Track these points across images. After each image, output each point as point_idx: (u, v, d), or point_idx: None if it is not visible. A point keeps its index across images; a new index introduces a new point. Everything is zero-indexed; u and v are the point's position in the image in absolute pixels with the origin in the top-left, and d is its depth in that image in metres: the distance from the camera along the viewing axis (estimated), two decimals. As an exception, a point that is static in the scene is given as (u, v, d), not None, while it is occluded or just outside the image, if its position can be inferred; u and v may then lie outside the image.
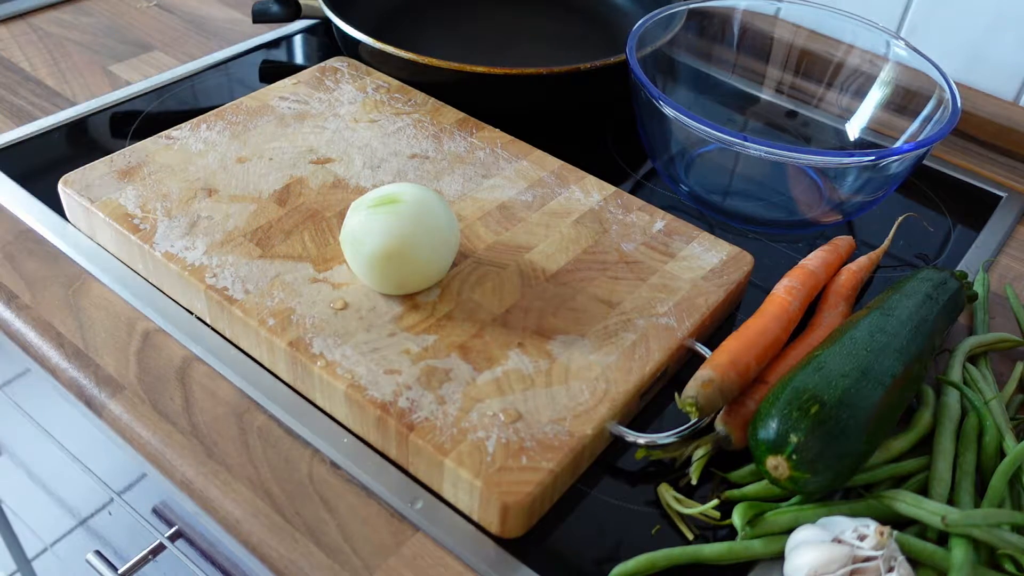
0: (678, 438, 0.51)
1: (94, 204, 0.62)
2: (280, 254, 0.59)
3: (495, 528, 0.48)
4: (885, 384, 0.49)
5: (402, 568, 0.47)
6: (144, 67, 0.86)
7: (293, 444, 0.53)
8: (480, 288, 0.58)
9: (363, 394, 0.51)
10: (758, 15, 0.82)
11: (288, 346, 0.53)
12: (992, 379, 0.57)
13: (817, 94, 0.82)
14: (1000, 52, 0.82)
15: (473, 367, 0.52)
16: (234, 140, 0.69)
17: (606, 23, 0.95)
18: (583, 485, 0.52)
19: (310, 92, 0.75)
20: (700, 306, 0.58)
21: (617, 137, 0.82)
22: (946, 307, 0.57)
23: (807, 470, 0.46)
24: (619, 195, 0.67)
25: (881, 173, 0.65)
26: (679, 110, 0.63)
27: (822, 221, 0.71)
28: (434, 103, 0.75)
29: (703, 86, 0.84)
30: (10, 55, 0.86)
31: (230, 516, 0.49)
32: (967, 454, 0.51)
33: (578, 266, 0.60)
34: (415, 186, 0.56)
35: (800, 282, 0.60)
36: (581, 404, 0.51)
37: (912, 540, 0.47)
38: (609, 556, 0.48)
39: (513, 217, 0.64)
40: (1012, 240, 0.74)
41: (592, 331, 0.56)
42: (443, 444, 0.48)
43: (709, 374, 0.52)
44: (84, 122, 0.78)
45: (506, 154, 0.70)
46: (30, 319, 0.59)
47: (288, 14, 0.88)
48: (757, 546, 0.48)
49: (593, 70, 0.74)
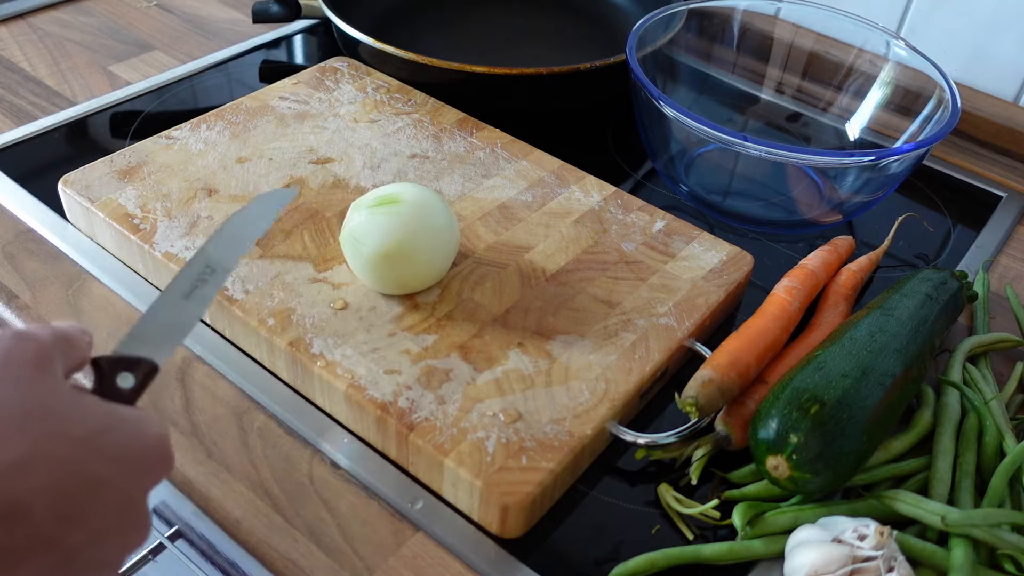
0: (678, 438, 0.51)
1: (94, 204, 0.62)
2: (280, 254, 0.59)
3: (495, 528, 0.48)
4: (885, 384, 0.49)
5: (402, 568, 0.47)
6: (144, 67, 0.86)
7: (293, 444, 0.53)
8: (480, 288, 0.58)
9: (363, 394, 0.51)
10: (758, 15, 0.82)
11: (288, 346, 0.53)
12: (992, 379, 0.57)
13: (817, 94, 0.82)
14: (1000, 52, 0.82)
15: (473, 367, 0.52)
16: (234, 140, 0.69)
17: (606, 23, 0.95)
18: (583, 485, 0.52)
19: (310, 92, 0.75)
20: (700, 306, 0.58)
21: (617, 137, 0.82)
22: (946, 307, 0.57)
23: (807, 470, 0.46)
24: (619, 195, 0.67)
25: (881, 173, 0.65)
26: (679, 110, 0.63)
27: (822, 221, 0.71)
28: (434, 103, 0.75)
29: (703, 86, 0.84)
30: (10, 55, 0.86)
31: (230, 516, 0.49)
32: (967, 454, 0.51)
33: (578, 266, 0.60)
34: (415, 186, 0.56)
35: (800, 282, 0.60)
36: (581, 404, 0.51)
37: (912, 540, 0.47)
38: (609, 556, 0.48)
39: (513, 217, 0.64)
40: (1012, 240, 0.74)
41: (592, 331, 0.55)
42: (443, 444, 0.48)
43: (709, 374, 0.52)
44: (84, 122, 0.78)
45: (506, 154, 0.70)
46: (30, 319, 0.59)
47: (288, 14, 0.88)
48: (757, 546, 0.48)
49: (593, 70, 0.74)
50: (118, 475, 0.32)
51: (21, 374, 0.32)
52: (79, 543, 0.31)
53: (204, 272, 0.42)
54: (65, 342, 0.35)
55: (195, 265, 0.42)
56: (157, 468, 0.35)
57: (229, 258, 0.43)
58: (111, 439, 0.33)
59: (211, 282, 0.42)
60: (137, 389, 0.37)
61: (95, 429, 0.32)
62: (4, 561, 0.29)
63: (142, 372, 0.37)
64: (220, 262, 0.43)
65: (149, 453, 0.34)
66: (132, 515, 0.34)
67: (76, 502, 0.31)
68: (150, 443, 0.34)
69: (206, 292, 0.41)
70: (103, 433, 0.32)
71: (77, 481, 0.31)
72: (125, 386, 0.36)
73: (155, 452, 0.34)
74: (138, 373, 0.37)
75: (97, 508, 0.32)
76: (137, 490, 0.34)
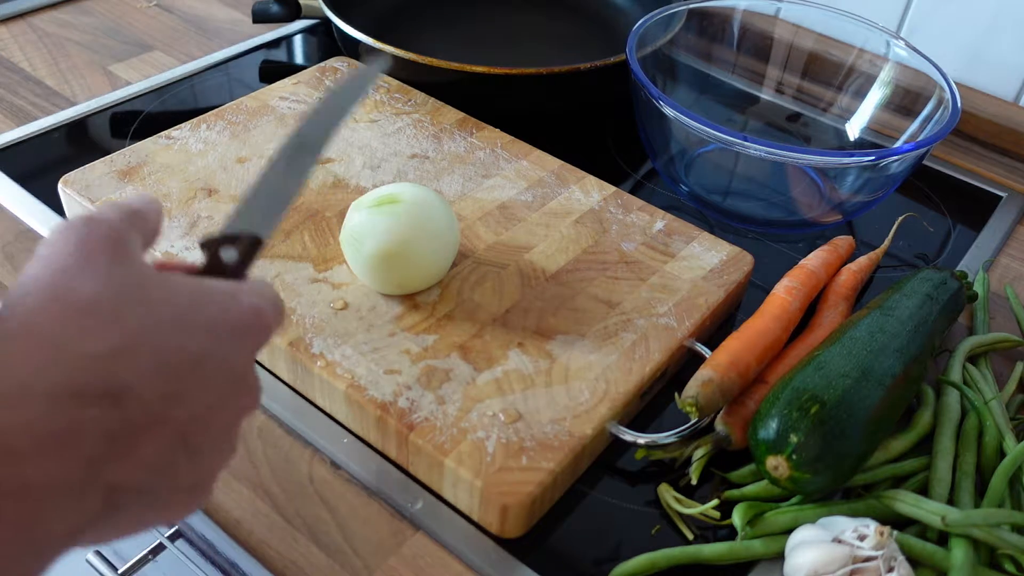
0: (678, 438, 0.51)
1: (94, 204, 0.62)
2: (280, 254, 0.59)
3: (495, 528, 0.48)
4: (885, 384, 0.49)
5: (402, 568, 0.47)
6: (144, 67, 0.86)
7: (293, 444, 0.53)
8: (480, 288, 0.58)
9: (363, 394, 0.51)
10: (758, 15, 0.82)
11: (288, 346, 0.53)
12: (992, 379, 0.57)
13: (817, 94, 0.82)
14: (1000, 52, 0.82)
15: (473, 367, 0.52)
16: (234, 140, 0.69)
17: (606, 23, 0.95)
18: (583, 485, 0.52)
19: (310, 92, 0.75)
20: (700, 306, 0.58)
21: (617, 137, 0.82)
22: (946, 307, 0.57)
23: (807, 470, 0.46)
24: (619, 195, 0.67)
25: (881, 173, 0.65)
26: (679, 110, 0.63)
27: (822, 221, 0.71)
28: (434, 103, 0.75)
29: (703, 86, 0.84)
30: (10, 55, 0.86)
31: (230, 516, 0.49)
32: (967, 454, 0.51)
33: (578, 266, 0.60)
34: (415, 186, 0.56)
35: (800, 282, 0.60)
36: (581, 404, 0.51)
37: (912, 540, 0.47)
38: (609, 556, 0.48)
39: (513, 217, 0.64)
40: (1012, 240, 0.74)
41: (592, 331, 0.55)
42: (443, 444, 0.48)
43: (709, 374, 0.52)
44: (84, 122, 0.78)
45: (506, 154, 0.70)
46: (30, 319, 0.59)
47: (288, 14, 0.88)
48: (757, 546, 0.48)
49: (593, 70, 0.74)
50: (214, 347, 0.32)
51: (100, 261, 0.31)
52: (194, 416, 0.31)
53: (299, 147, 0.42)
54: (136, 216, 0.35)
55: (291, 141, 0.42)
56: (254, 335, 0.34)
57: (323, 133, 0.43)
58: (201, 315, 0.32)
59: (307, 154, 0.42)
60: (242, 262, 0.37)
61: (183, 307, 0.32)
62: (125, 441, 0.29)
63: (243, 245, 0.37)
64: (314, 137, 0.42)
65: (242, 322, 0.34)
66: (240, 383, 0.34)
67: (179, 379, 0.31)
68: (243, 313, 0.34)
69: (304, 163, 0.41)
70: (191, 310, 0.32)
71: (175, 359, 0.31)
72: (229, 260, 0.37)
73: (247, 320, 0.34)
74: (241, 246, 0.37)
75: (203, 382, 0.32)
76: (238, 358, 0.34)
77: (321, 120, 0.43)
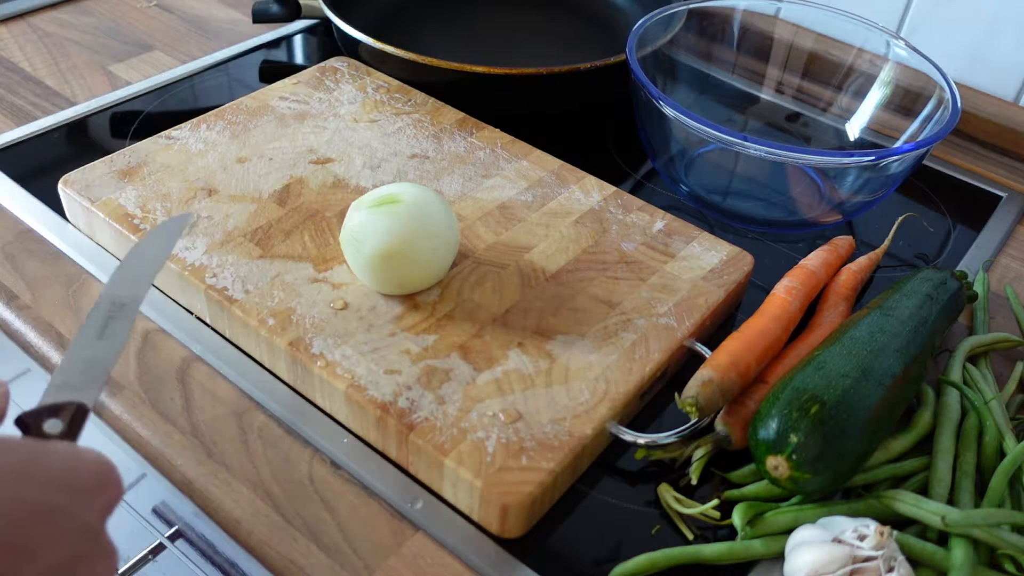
0: (678, 438, 0.51)
1: (94, 204, 0.62)
2: (280, 254, 0.59)
3: (495, 528, 0.48)
4: (885, 384, 0.49)
5: (402, 568, 0.47)
6: (144, 67, 0.86)
7: (293, 444, 0.53)
8: (480, 288, 0.58)
9: (363, 394, 0.51)
10: (758, 15, 0.82)
11: (288, 346, 0.53)
12: (992, 379, 0.57)
13: (817, 94, 0.82)
14: (1000, 52, 0.82)
15: (473, 367, 0.52)
16: (234, 140, 0.69)
17: (606, 23, 0.95)
18: (583, 485, 0.52)
19: (310, 92, 0.75)
20: (700, 306, 0.58)
21: (617, 137, 0.82)
22: (946, 307, 0.57)
23: (807, 470, 0.46)
24: (619, 195, 0.67)
25: (881, 173, 0.65)
26: (679, 110, 0.63)
27: (822, 221, 0.71)
28: (434, 103, 0.75)
29: (703, 86, 0.84)
30: (10, 55, 0.86)
31: (230, 516, 0.49)
32: (967, 454, 0.51)
33: (578, 266, 0.60)
34: (415, 186, 0.56)
35: (800, 282, 0.60)
36: (581, 404, 0.51)
37: (912, 540, 0.47)
38: (609, 556, 0.48)
39: (513, 217, 0.64)
40: (1012, 240, 0.74)
41: (592, 331, 0.55)
42: (443, 444, 0.48)
43: (709, 374, 0.52)
44: (84, 122, 0.78)
45: (506, 154, 0.70)
46: (30, 319, 0.59)
47: (288, 14, 0.88)
48: (757, 546, 0.48)
49: (593, 70, 0.74)
50: (63, 501, 0.32)
51: None
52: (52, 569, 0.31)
53: (112, 310, 0.42)
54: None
55: (102, 305, 0.43)
56: (105, 492, 0.34)
57: (134, 293, 0.44)
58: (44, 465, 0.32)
59: (121, 318, 0.42)
60: (68, 432, 0.37)
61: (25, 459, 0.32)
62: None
63: (68, 415, 0.37)
64: (126, 298, 0.43)
65: (89, 475, 0.34)
66: (94, 544, 0.33)
67: (25, 532, 0.30)
68: (88, 466, 0.34)
69: (119, 328, 0.42)
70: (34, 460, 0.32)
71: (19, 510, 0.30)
72: (54, 432, 0.36)
73: (95, 474, 0.34)
74: (64, 417, 0.37)
75: (52, 537, 0.31)
76: (90, 516, 0.33)
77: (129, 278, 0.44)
